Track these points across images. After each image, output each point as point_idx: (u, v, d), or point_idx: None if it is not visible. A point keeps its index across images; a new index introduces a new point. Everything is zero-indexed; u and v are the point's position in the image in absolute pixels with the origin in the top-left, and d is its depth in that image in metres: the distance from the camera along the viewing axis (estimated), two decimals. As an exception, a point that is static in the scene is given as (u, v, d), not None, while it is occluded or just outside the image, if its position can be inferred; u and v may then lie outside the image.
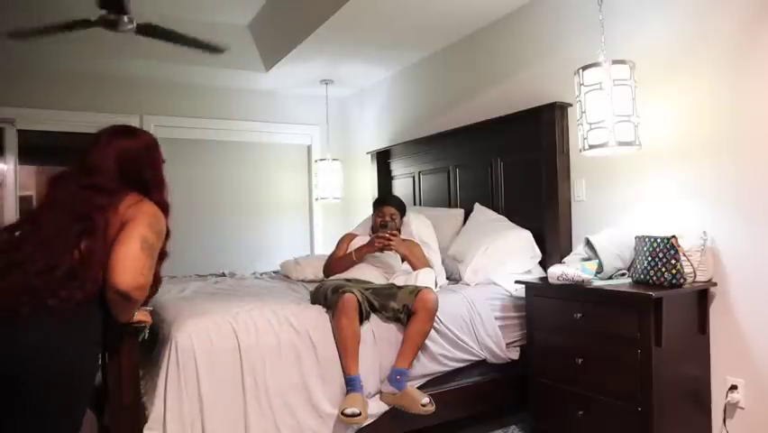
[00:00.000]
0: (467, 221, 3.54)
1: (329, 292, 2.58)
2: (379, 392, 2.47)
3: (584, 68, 2.35)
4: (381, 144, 4.81)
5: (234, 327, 2.27)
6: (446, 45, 4.03)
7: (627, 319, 2.21)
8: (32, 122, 4.42)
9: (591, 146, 2.35)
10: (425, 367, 2.59)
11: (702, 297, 2.35)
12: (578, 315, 2.40)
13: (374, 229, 3.25)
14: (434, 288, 2.71)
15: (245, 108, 5.16)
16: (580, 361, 2.39)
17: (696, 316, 2.35)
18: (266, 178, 5.35)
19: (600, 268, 2.49)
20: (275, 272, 4.04)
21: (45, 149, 5.11)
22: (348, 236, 3.37)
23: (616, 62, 2.29)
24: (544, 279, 2.66)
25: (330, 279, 3.01)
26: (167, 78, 4.75)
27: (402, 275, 2.96)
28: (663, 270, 2.24)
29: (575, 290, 2.42)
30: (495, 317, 2.80)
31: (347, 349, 2.37)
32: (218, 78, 4.80)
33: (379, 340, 2.51)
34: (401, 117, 4.67)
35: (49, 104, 4.43)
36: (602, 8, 2.49)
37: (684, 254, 2.25)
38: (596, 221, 2.88)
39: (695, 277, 2.28)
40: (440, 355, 2.63)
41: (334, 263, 3.16)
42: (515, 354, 2.83)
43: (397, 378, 2.43)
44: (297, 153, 5.54)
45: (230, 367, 2.20)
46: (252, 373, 2.23)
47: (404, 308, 2.52)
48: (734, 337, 2.33)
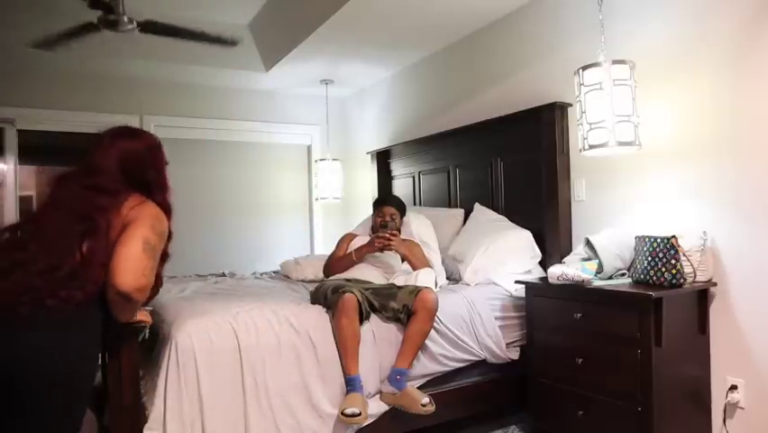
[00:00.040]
0: (467, 221, 3.54)
1: (329, 292, 2.57)
2: (379, 392, 2.47)
3: (584, 68, 2.35)
4: (381, 144, 4.81)
5: (234, 326, 2.27)
6: (446, 45, 4.02)
7: (627, 319, 2.21)
8: (32, 122, 4.42)
9: (591, 146, 2.35)
10: (425, 367, 2.59)
11: (702, 297, 2.35)
12: (578, 315, 2.40)
13: (374, 229, 3.25)
14: (434, 288, 2.71)
15: (245, 108, 5.16)
16: (580, 361, 2.39)
17: (696, 316, 2.35)
18: (266, 178, 5.35)
19: (600, 268, 2.49)
20: (275, 272, 4.04)
21: (45, 149, 5.12)
22: (348, 236, 3.37)
23: (616, 62, 2.29)
24: (544, 279, 2.66)
25: (330, 279, 3.01)
26: (167, 78, 4.75)
27: (402, 275, 2.96)
28: (663, 270, 2.24)
29: (575, 290, 2.42)
30: (495, 317, 2.80)
31: (347, 349, 2.37)
32: (218, 78, 4.80)
33: (379, 340, 2.50)
34: (401, 117, 4.67)
35: (49, 104, 4.43)
36: (602, 8, 2.49)
37: (684, 254, 2.25)
38: (596, 221, 2.88)
39: (695, 277, 2.28)
40: (440, 355, 2.63)
41: (334, 263, 3.16)
42: (515, 354, 2.83)
43: (397, 378, 2.43)
44: (297, 153, 5.54)
45: (230, 367, 2.20)
46: (252, 373, 2.23)
47: (404, 308, 2.52)
48: (734, 337, 2.33)
